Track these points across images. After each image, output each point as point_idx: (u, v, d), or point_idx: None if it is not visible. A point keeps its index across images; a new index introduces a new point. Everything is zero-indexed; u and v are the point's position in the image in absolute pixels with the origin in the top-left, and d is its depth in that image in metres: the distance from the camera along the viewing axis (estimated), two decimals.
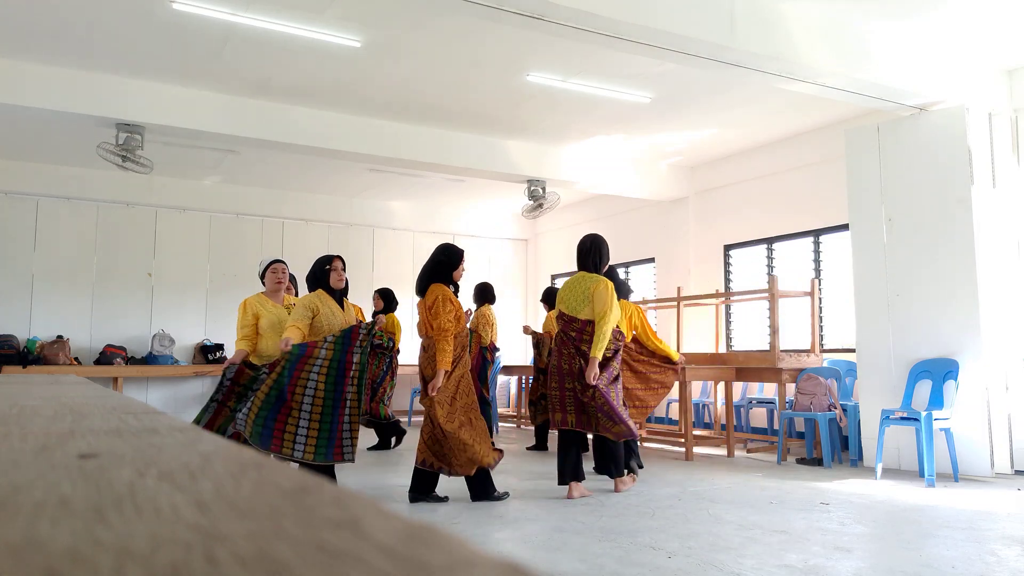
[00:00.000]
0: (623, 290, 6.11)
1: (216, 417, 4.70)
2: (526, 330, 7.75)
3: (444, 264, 4.74)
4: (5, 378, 2.47)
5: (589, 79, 6.46)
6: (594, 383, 4.75)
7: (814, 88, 5.65)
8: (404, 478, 5.31)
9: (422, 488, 4.67)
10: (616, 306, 4.87)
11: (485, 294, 7.55)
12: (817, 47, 5.30)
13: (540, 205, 8.37)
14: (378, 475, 5.77)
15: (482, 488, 4.69)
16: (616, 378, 5.00)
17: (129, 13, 5.25)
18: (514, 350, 11.33)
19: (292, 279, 5.75)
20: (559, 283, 11.33)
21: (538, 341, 7.44)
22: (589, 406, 4.85)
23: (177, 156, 8.37)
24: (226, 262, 9.93)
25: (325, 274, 4.80)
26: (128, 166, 6.47)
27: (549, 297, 7.55)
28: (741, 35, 4.96)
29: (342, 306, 4.80)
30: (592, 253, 4.99)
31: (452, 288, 4.75)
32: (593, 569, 3.18)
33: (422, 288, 4.73)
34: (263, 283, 5.07)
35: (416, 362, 6.68)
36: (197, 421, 4.69)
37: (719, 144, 8.36)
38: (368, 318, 7.50)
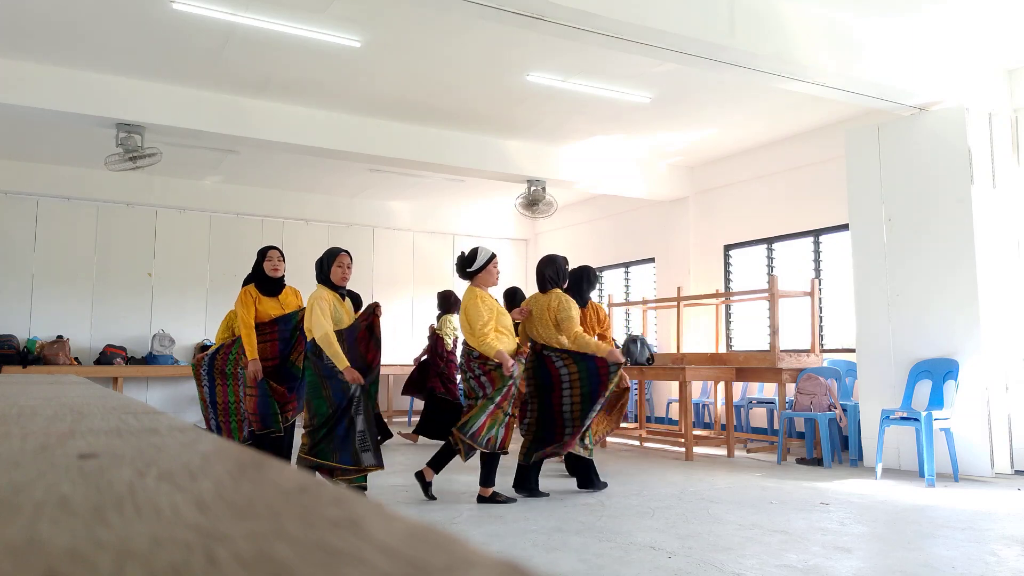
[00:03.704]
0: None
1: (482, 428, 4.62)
2: None
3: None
4: (5, 378, 2.47)
5: (589, 79, 6.45)
6: None
7: (813, 88, 5.65)
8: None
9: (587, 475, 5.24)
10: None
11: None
12: (817, 47, 5.30)
13: (535, 203, 8.34)
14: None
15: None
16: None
17: (129, 13, 5.25)
18: None
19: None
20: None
21: None
22: None
23: (177, 156, 8.36)
24: (226, 262, 9.92)
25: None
26: (141, 163, 6.45)
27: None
28: (740, 35, 4.96)
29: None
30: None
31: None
32: (593, 569, 3.18)
33: (586, 299, 5.62)
34: (471, 277, 4.74)
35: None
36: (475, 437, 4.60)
37: (719, 144, 8.35)
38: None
